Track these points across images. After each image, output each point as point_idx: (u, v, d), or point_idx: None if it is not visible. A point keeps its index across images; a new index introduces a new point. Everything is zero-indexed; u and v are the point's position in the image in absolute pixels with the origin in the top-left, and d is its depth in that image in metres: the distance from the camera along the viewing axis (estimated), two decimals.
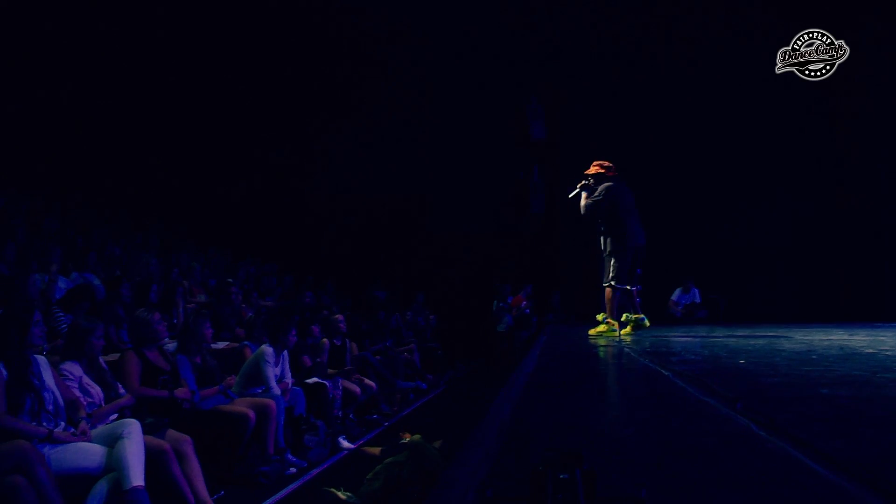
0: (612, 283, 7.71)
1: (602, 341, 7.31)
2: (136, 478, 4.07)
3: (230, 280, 10.01)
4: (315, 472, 6.24)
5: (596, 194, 7.80)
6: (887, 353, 5.01)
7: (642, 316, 7.83)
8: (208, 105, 15.29)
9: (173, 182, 15.00)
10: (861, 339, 6.60)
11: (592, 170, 8.01)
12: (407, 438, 7.24)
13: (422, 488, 5.04)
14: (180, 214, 14.74)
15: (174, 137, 15.23)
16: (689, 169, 13.42)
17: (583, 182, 8.03)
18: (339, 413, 7.81)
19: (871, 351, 5.22)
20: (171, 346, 6.36)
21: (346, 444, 7.19)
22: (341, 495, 5.31)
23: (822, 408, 2.70)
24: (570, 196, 8.14)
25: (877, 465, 1.64)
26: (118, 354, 5.63)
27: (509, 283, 14.44)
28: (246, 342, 7.44)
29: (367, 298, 12.94)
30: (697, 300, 12.94)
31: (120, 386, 5.04)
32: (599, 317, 7.94)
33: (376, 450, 6.80)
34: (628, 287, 7.77)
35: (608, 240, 7.80)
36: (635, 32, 13.94)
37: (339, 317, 9.22)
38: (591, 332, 7.89)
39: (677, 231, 13.31)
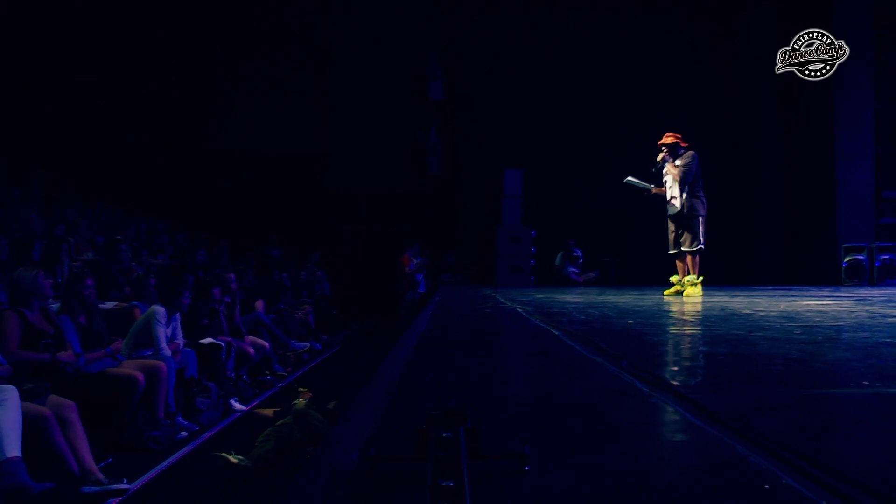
0: (703, 246, 8.09)
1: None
2: (12, 448, 3.89)
3: (119, 237, 9.65)
4: (207, 435, 6.13)
5: (687, 159, 8.05)
6: (761, 313, 5.35)
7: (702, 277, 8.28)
8: (101, 49, 14.50)
9: (59, 130, 14.21)
10: (740, 301, 7.00)
11: (669, 139, 8.25)
12: (307, 398, 7.20)
13: (314, 449, 5.02)
14: (67, 166, 13.97)
15: (62, 82, 14.37)
16: (584, 134, 13.69)
17: (662, 154, 8.27)
18: (232, 374, 7.68)
19: (747, 312, 5.56)
20: (54, 306, 6.08)
21: (238, 406, 7.09)
22: (233, 459, 5.25)
23: (703, 364, 2.85)
24: (655, 170, 8.40)
25: (745, 416, 1.75)
26: None
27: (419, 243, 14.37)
28: (135, 302, 7.18)
29: (262, 257, 12.71)
30: (581, 260, 13.32)
31: None
32: (687, 279, 8.22)
33: (269, 411, 6.75)
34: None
35: (694, 203, 8.08)
36: None
37: (231, 275, 9.03)
38: (686, 293, 8.16)
39: (568, 195, 13.63)
